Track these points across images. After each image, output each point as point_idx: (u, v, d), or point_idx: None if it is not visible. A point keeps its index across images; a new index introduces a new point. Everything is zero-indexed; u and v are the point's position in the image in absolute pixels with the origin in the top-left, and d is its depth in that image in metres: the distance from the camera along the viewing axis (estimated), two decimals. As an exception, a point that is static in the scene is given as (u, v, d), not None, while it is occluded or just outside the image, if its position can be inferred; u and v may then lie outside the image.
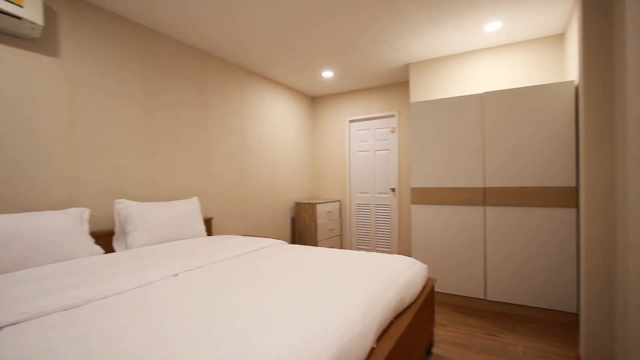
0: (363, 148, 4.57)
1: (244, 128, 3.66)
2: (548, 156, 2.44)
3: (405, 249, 4.25)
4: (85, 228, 2.03)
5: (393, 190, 4.30)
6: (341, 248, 4.75)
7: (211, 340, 0.94)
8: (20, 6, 1.73)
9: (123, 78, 2.48)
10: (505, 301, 2.59)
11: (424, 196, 2.92)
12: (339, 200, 4.69)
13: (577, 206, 2.36)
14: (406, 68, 3.71)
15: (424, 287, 1.92)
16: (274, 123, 4.14)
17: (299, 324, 1.04)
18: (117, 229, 2.29)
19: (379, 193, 4.43)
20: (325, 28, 2.72)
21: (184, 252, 2.04)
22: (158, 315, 1.13)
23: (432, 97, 3.44)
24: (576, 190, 2.36)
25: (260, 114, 3.91)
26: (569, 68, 2.62)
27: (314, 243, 4.17)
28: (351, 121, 4.67)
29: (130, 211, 2.27)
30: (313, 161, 4.99)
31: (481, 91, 3.19)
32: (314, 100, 4.99)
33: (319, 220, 4.19)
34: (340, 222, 4.73)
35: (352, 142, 4.67)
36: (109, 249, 2.31)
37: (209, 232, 3.09)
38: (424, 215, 2.93)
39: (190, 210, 2.65)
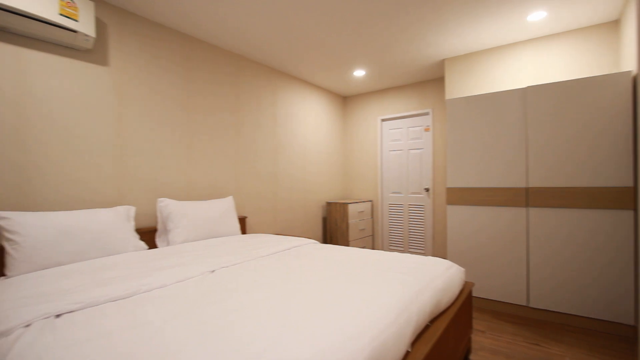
0: (395, 147, 4.48)
1: (276, 129, 3.73)
2: (601, 153, 2.25)
3: (439, 251, 4.11)
4: (131, 225, 2.17)
5: (427, 190, 4.18)
6: (373, 249, 4.69)
7: (247, 336, 0.97)
8: (76, 20, 1.88)
9: (165, 84, 2.62)
10: (550, 309, 2.42)
11: (461, 196, 2.81)
12: (370, 200, 4.64)
13: (635, 208, 2.15)
14: (441, 64, 3.59)
15: (461, 291, 1.84)
16: (305, 123, 4.18)
17: (332, 324, 1.04)
18: (159, 226, 2.42)
19: (412, 193, 4.32)
20: (358, 27, 2.70)
21: (220, 250, 2.12)
22: (197, 309, 1.18)
23: (469, 93, 3.29)
24: (634, 190, 2.15)
25: (292, 114, 3.97)
26: (625, 57, 2.39)
27: (346, 243, 4.16)
28: (383, 120, 4.59)
29: (171, 209, 2.40)
30: (344, 161, 4.98)
31: (523, 85, 3.01)
32: (345, 100, 4.98)
33: (351, 220, 4.17)
34: (372, 223, 4.67)
35: (384, 142, 4.60)
36: (152, 244, 2.45)
37: (243, 231, 3.18)
38: (460, 216, 2.82)
39: (225, 209, 2.74)
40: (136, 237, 2.14)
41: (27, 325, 1.08)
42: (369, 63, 3.55)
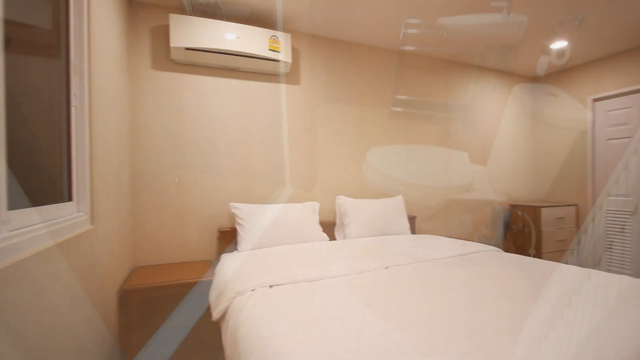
0: (618, 134, 3.34)
1: (450, 124, 3.48)
2: None
3: None
4: (316, 218, 2.52)
5: (678, 192, 2.91)
6: (578, 265, 3.67)
7: (430, 341, 0.94)
8: (278, 52, 2.36)
9: (341, 94, 2.91)
10: None
11: None
12: (575, 204, 3.65)
13: None
14: None
15: None
16: (482, 114, 3.71)
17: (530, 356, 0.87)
18: (337, 221, 2.71)
19: (649, 196, 3.11)
20: (557, -12, 2.17)
21: (392, 247, 2.17)
22: (375, 302, 1.24)
23: None
24: None
25: (467, 106, 3.60)
26: None
27: (537, 255, 3.43)
28: (595, 100, 3.51)
29: (347, 206, 2.64)
30: (535, 156, 4.11)
31: None
32: (536, 81, 4.10)
33: (544, 228, 3.40)
34: (577, 233, 3.66)
35: (597, 128, 3.51)
36: (331, 236, 2.76)
37: (412, 231, 3.12)
38: None
39: (395, 207, 2.79)
40: (320, 229, 2.48)
41: (253, 290, 1.43)
42: (573, 29, 2.78)
